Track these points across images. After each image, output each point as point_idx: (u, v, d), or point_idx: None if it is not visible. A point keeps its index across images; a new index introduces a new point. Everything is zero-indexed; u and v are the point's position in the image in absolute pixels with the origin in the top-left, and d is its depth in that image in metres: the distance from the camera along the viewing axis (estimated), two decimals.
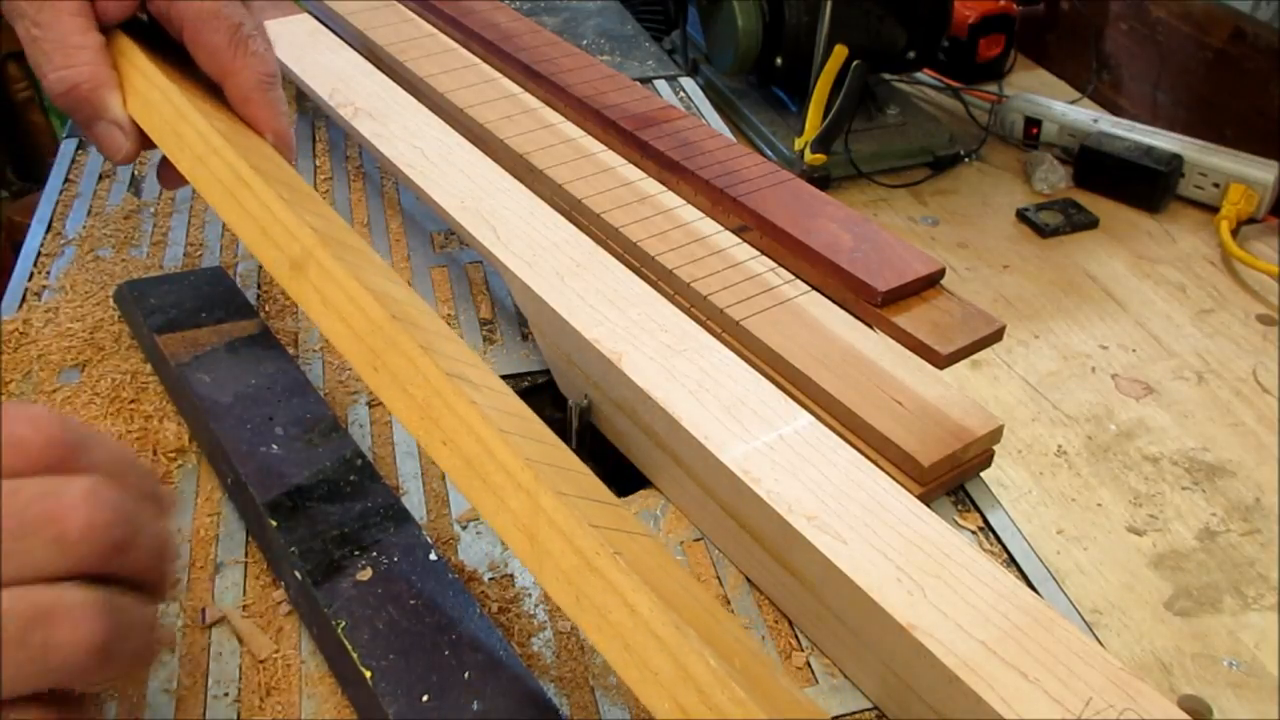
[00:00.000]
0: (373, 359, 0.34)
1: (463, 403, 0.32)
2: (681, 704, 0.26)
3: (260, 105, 0.45)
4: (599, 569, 0.28)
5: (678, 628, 0.27)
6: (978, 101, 2.02)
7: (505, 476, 0.30)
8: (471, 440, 0.31)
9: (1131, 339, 1.51)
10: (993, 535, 0.45)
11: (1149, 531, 1.22)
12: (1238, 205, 1.68)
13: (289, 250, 0.37)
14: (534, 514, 0.30)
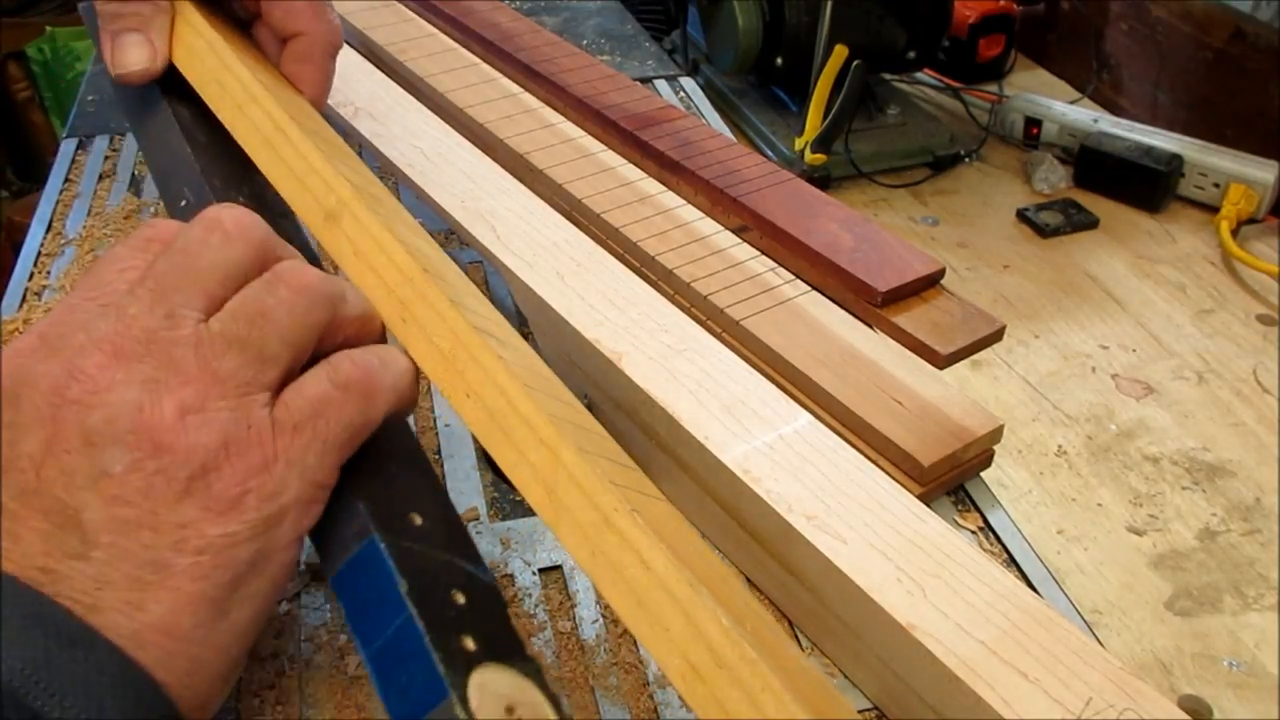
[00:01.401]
0: (401, 310, 0.34)
1: (488, 356, 0.32)
2: (692, 661, 0.26)
3: (318, 69, 0.47)
4: (616, 525, 0.28)
5: (692, 585, 0.27)
6: (978, 101, 2.02)
7: (528, 430, 0.30)
8: (495, 393, 0.31)
9: (1131, 339, 1.51)
10: (993, 535, 0.45)
11: (1149, 531, 1.22)
12: (1238, 205, 1.68)
13: (324, 201, 0.37)
14: (554, 468, 0.30)
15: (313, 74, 0.47)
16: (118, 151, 0.69)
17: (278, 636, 0.39)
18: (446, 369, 0.32)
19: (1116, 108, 2.04)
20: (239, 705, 0.37)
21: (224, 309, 0.29)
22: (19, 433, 0.27)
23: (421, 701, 0.25)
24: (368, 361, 0.31)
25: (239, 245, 0.30)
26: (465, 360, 0.32)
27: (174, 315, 0.28)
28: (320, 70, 0.47)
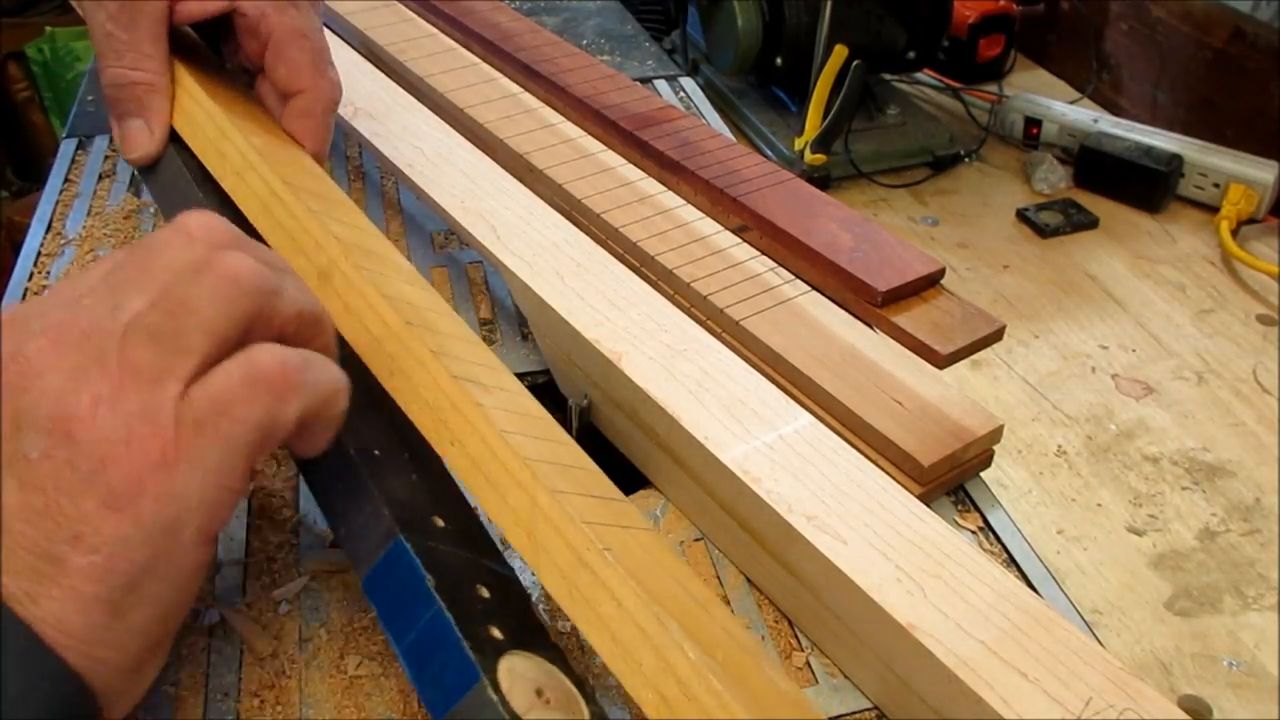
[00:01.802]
0: (389, 363, 0.36)
1: (469, 405, 0.33)
2: (664, 695, 0.27)
3: (318, 125, 0.49)
4: (589, 564, 0.29)
5: (660, 620, 0.28)
6: (978, 101, 2.02)
7: (506, 475, 0.32)
8: (477, 440, 0.33)
9: (1131, 339, 1.51)
10: (993, 535, 0.45)
11: (1149, 531, 1.22)
12: (1238, 205, 1.68)
13: (316, 260, 0.39)
14: (532, 511, 0.31)
15: (313, 129, 0.49)
16: (117, 152, 0.69)
17: (278, 637, 0.39)
18: (432, 419, 0.34)
19: (1116, 108, 2.04)
20: (239, 705, 0.37)
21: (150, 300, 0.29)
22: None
23: (455, 687, 0.27)
24: (286, 357, 0.30)
25: (199, 246, 0.30)
26: (448, 409, 0.34)
27: (119, 308, 0.28)
28: (321, 125, 0.49)
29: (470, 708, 0.27)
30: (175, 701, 0.37)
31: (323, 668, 0.38)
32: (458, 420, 0.33)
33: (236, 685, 0.37)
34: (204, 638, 0.39)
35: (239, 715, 0.36)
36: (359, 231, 0.42)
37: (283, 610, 0.40)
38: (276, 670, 0.38)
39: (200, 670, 0.38)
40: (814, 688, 0.38)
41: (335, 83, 0.49)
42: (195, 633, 0.39)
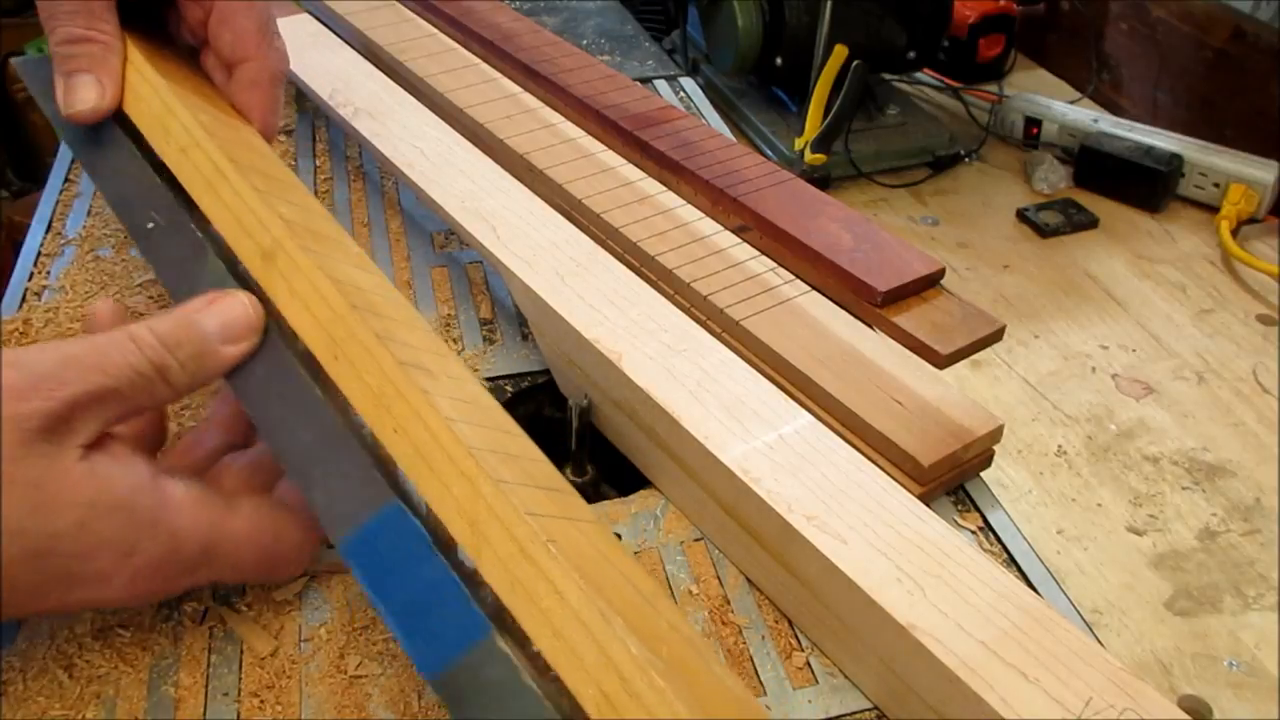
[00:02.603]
0: (333, 348, 0.35)
1: (413, 391, 0.33)
2: (605, 690, 0.27)
3: (265, 96, 0.47)
4: (532, 557, 0.29)
5: (602, 615, 0.27)
6: (978, 101, 2.02)
7: (449, 464, 0.31)
8: (420, 427, 0.32)
9: (1131, 339, 1.51)
10: (993, 535, 0.45)
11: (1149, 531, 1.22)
12: (1238, 205, 1.68)
13: (260, 240, 0.38)
14: (475, 501, 0.30)
15: (260, 101, 0.47)
16: None
17: (278, 637, 0.39)
18: (375, 404, 0.34)
19: (1116, 108, 2.04)
20: (239, 705, 0.37)
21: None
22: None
23: (457, 643, 0.28)
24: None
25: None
26: (392, 396, 0.33)
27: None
28: (267, 97, 0.48)
29: (477, 661, 0.27)
30: (175, 701, 0.37)
31: (323, 668, 0.38)
32: (401, 407, 0.33)
33: (236, 685, 0.37)
34: (204, 638, 0.39)
35: (239, 715, 0.36)
36: (307, 212, 0.41)
37: (283, 610, 0.40)
38: (276, 670, 0.38)
39: (200, 670, 0.38)
40: (814, 688, 0.38)
41: (282, 53, 0.48)
42: (195, 633, 0.39)
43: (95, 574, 0.33)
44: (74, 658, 0.38)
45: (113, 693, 0.37)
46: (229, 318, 0.35)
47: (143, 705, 0.36)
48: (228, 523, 0.35)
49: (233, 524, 0.35)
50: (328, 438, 0.33)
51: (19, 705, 0.36)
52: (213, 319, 0.35)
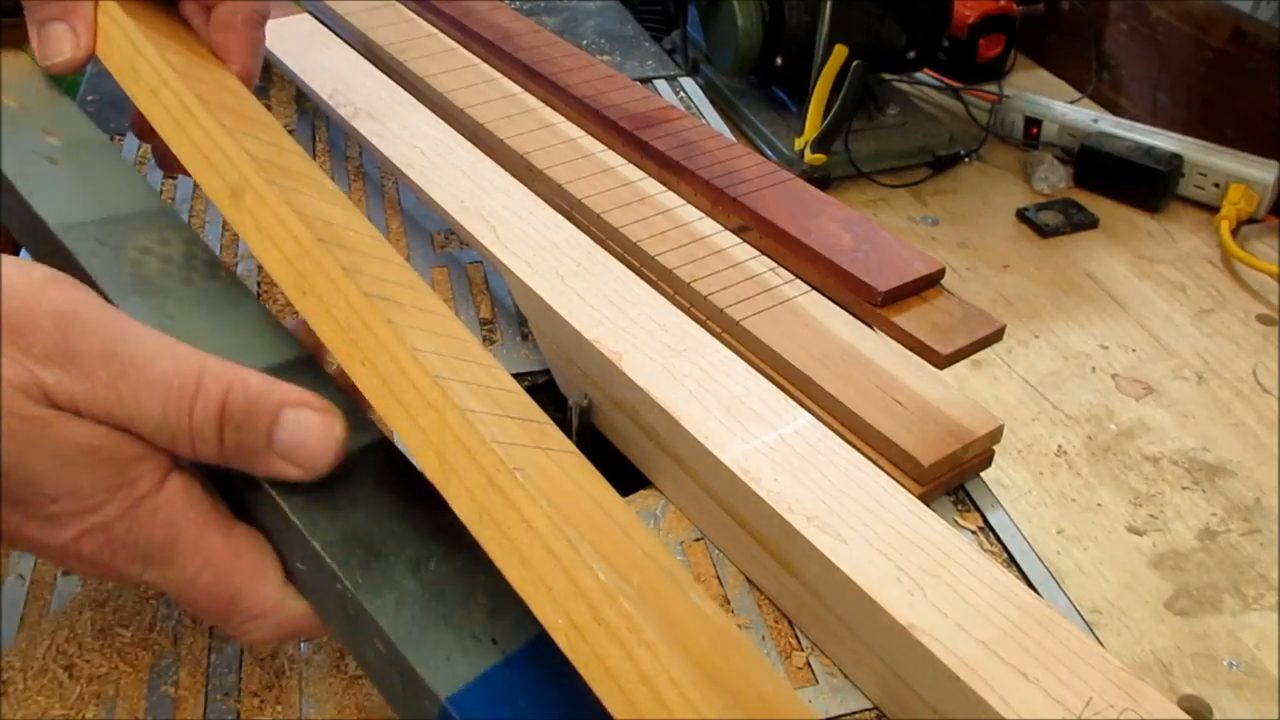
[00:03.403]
0: (301, 283, 0.34)
1: (379, 322, 0.32)
2: (573, 619, 0.26)
3: (241, 37, 0.46)
4: (499, 485, 0.28)
5: (570, 542, 0.27)
6: (978, 101, 2.02)
7: (416, 394, 0.30)
8: (387, 359, 0.31)
9: (1131, 339, 1.51)
10: (993, 535, 0.45)
11: (1149, 531, 1.22)
12: (1238, 205, 1.68)
13: (228, 177, 0.37)
14: (441, 431, 0.29)
15: (237, 43, 0.45)
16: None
17: None
18: (343, 339, 0.33)
19: (1116, 108, 2.04)
20: (239, 705, 0.37)
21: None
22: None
23: None
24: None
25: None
26: (359, 329, 0.32)
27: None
28: (244, 39, 0.46)
29: None
30: (175, 701, 0.37)
31: (323, 668, 0.38)
32: (368, 339, 0.32)
33: (236, 685, 0.37)
34: (204, 638, 0.39)
35: (239, 715, 0.36)
36: (278, 150, 0.40)
37: None
38: (276, 670, 0.38)
39: (200, 670, 0.38)
40: (814, 688, 0.38)
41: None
42: (195, 633, 0.39)
43: (48, 514, 0.30)
44: (74, 658, 0.38)
45: (113, 693, 0.37)
46: (309, 442, 0.31)
47: (143, 705, 0.37)
48: (207, 538, 0.32)
49: (210, 542, 0.32)
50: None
51: (19, 705, 0.36)
52: (292, 431, 0.31)
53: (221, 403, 0.30)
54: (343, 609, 0.30)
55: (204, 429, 0.30)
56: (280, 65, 0.66)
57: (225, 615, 0.32)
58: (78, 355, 0.29)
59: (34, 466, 0.30)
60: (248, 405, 0.30)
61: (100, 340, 0.30)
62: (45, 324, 0.29)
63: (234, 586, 0.32)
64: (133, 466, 0.31)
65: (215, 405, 0.30)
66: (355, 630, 0.30)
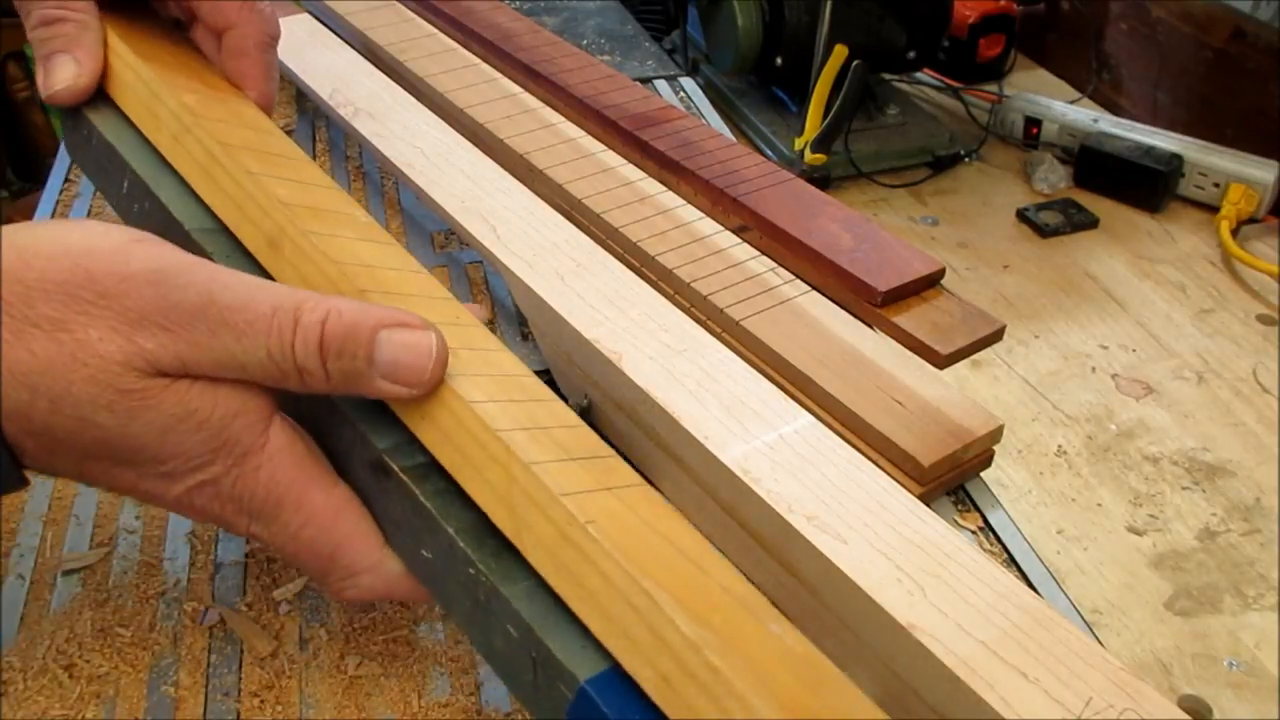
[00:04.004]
0: None
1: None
2: (660, 670, 0.26)
3: (255, 63, 0.46)
4: (572, 539, 0.28)
5: (649, 595, 0.27)
6: (978, 101, 2.02)
7: (479, 449, 0.31)
8: (445, 414, 0.31)
9: (1131, 339, 1.51)
10: (993, 535, 0.45)
11: (1149, 531, 1.22)
12: (1238, 205, 1.68)
13: (263, 226, 0.37)
14: (509, 485, 0.30)
15: (251, 69, 0.46)
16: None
17: (278, 637, 0.39)
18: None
19: (1116, 108, 2.04)
20: (239, 705, 0.37)
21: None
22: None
23: None
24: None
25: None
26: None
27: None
28: (258, 64, 0.46)
29: None
30: (175, 701, 0.37)
31: (323, 668, 0.38)
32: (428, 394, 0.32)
33: (236, 685, 0.37)
34: (204, 638, 0.39)
35: (239, 715, 0.36)
36: (305, 188, 0.40)
37: (283, 610, 0.40)
38: (276, 670, 0.38)
39: (200, 670, 0.38)
40: None
41: (267, 16, 0.46)
42: (195, 633, 0.39)
43: (159, 473, 0.31)
44: (74, 658, 0.38)
45: (113, 693, 0.37)
46: (407, 359, 0.31)
47: (143, 705, 0.37)
48: (309, 495, 0.33)
49: (313, 498, 0.33)
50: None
51: (19, 705, 0.36)
52: (390, 350, 0.31)
53: (320, 334, 0.30)
54: (472, 595, 0.30)
55: (308, 362, 0.31)
56: (280, 65, 0.66)
57: (325, 571, 0.33)
58: (175, 312, 0.30)
59: (140, 436, 0.30)
60: (344, 332, 0.31)
61: (195, 292, 0.30)
62: (139, 286, 0.30)
63: (334, 544, 0.33)
64: (230, 426, 0.31)
65: (314, 337, 0.30)
66: (485, 616, 0.30)
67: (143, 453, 0.31)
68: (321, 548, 0.33)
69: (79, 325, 0.29)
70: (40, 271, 0.30)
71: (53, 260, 0.30)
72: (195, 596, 0.40)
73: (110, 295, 0.30)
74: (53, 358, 0.29)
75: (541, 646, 0.29)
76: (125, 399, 0.30)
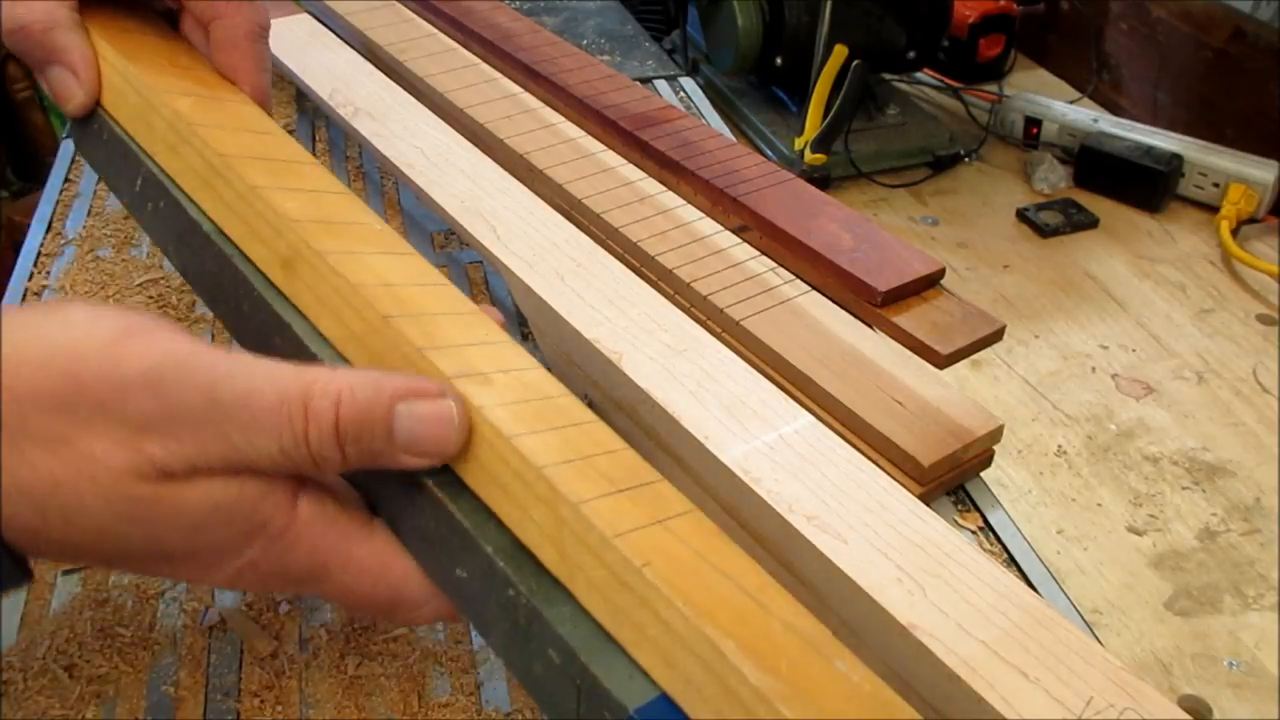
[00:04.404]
0: (377, 363, 0.32)
1: (469, 409, 0.30)
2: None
3: (245, 55, 0.44)
4: (628, 583, 0.27)
5: (712, 643, 0.25)
6: (978, 101, 2.02)
7: (523, 486, 0.29)
8: (485, 447, 0.29)
9: (1131, 339, 1.51)
10: (993, 535, 0.45)
11: (1149, 531, 1.22)
12: (1238, 205, 1.68)
13: (274, 247, 0.35)
14: (558, 527, 0.28)
15: (242, 61, 0.44)
16: None
17: (278, 637, 0.39)
18: None
19: (1116, 108, 2.04)
20: (239, 705, 0.37)
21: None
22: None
23: None
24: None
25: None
26: None
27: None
28: (249, 56, 0.44)
29: None
30: (175, 701, 0.37)
31: (323, 668, 0.38)
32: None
33: (236, 685, 0.37)
34: (204, 638, 0.39)
35: (239, 715, 0.36)
36: (315, 197, 0.37)
37: (283, 610, 0.40)
38: (276, 670, 0.38)
39: (200, 670, 0.38)
40: None
41: (254, 5, 0.44)
42: (195, 633, 0.39)
43: (197, 564, 0.30)
44: (74, 658, 0.38)
45: (113, 693, 0.37)
46: (428, 432, 0.29)
47: (143, 705, 0.37)
48: (353, 551, 0.31)
49: (358, 554, 0.31)
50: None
51: (19, 705, 0.36)
52: (410, 424, 0.29)
53: (334, 420, 0.29)
54: (511, 618, 0.29)
55: (324, 450, 0.29)
56: (280, 65, 0.66)
57: (390, 612, 0.32)
58: (178, 417, 0.28)
59: (167, 540, 0.29)
60: (359, 415, 0.29)
61: (195, 392, 0.28)
62: (136, 392, 0.28)
63: (392, 589, 0.32)
64: (259, 509, 0.30)
65: (329, 425, 0.29)
66: (525, 640, 0.29)
67: (174, 553, 0.30)
68: (381, 596, 0.32)
69: (81, 438, 0.28)
70: (29, 382, 0.28)
71: (40, 369, 0.28)
72: (195, 596, 0.40)
73: (108, 404, 0.28)
74: (58, 475, 0.27)
75: (587, 674, 0.27)
76: (145, 508, 0.28)
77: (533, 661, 0.28)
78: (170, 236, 0.39)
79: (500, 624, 0.29)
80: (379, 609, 0.32)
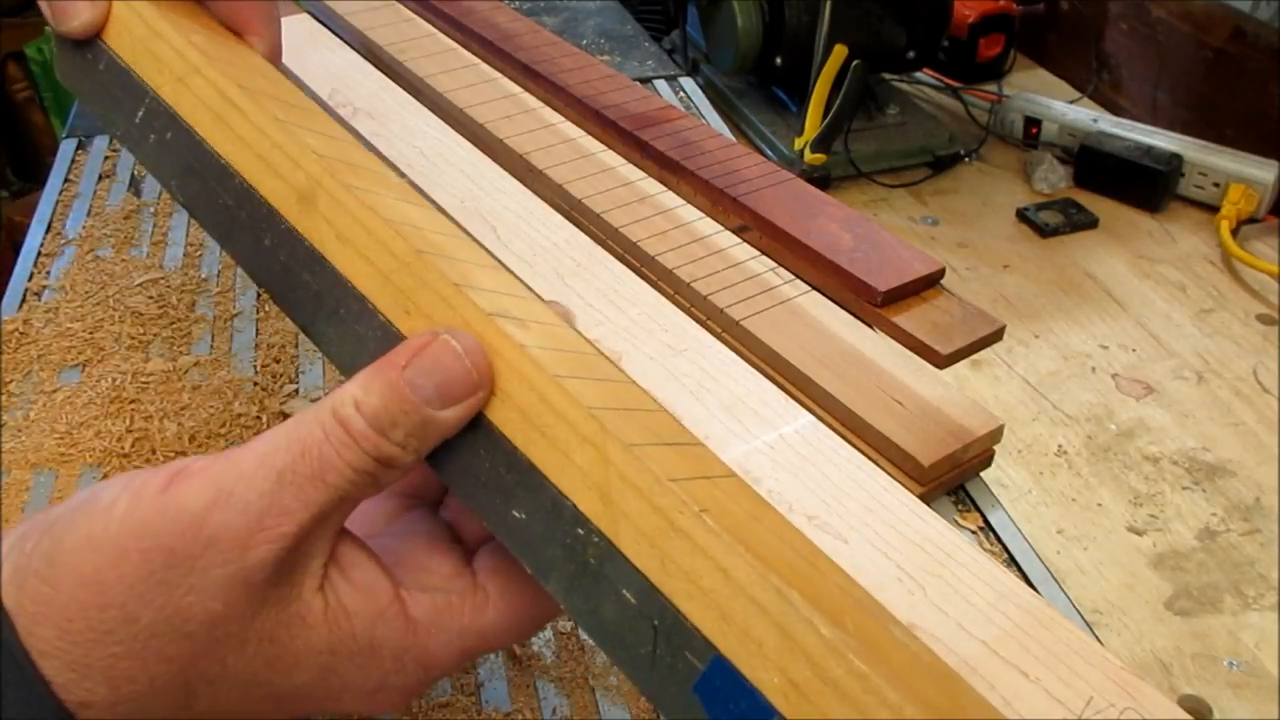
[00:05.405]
0: (404, 301, 0.30)
1: (510, 346, 0.28)
2: (792, 678, 0.23)
3: (256, 13, 0.41)
4: (684, 530, 0.25)
5: (780, 593, 0.24)
6: (978, 101, 2.02)
7: (567, 428, 0.27)
8: (525, 389, 0.28)
9: (1131, 339, 1.51)
10: (993, 535, 0.45)
11: (1149, 531, 1.22)
12: (1238, 205, 1.68)
13: (293, 180, 0.32)
14: (604, 470, 0.26)
15: (253, 15, 0.41)
16: (117, 152, 0.69)
17: None
18: None
19: (1116, 108, 2.04)
20: None
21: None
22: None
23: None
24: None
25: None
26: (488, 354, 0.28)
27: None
28: (260, 13, 0.41)
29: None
30: None
31: None
32: (500, 366, 0.28)
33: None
34: None
35: None
36: (337, 143, 0.35)
37: None
38: None
39: None
40: None
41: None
42: None
43: (337, 705, 0.30)
44: None
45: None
46: (444, 376, 0.28)
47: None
48: (482, 622, 0.30)
49: (487, 620, 0.30)
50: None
51: None
52: (425, 379, 0.28)
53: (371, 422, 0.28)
54: (578, 559, 0.27)
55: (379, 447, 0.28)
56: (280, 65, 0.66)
57: (506, 643, 0.32)
58: (257, 505, 0.27)
59: (300, 683, 0.29)
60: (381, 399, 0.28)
61: (254, 481, 0.27)
62: (190, 534, 0.27)
63: (530, 623, 0.31)
64: (375, 633, 0.29)
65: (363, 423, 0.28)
66: (593, 581, 0.27)
67: (303, 695, 0.29)
68: (524, 634, 0.31)
69: (178, 598, 0.26)
70: (69, 596, 0.26)
71: (83, 582, 0.26)
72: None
73: (178, 562, 0.26)
74: (185, 645, 0.26)
75: (668, 612, 0.25)
76: (272, 647, 0.28)
77: (602, 602, 0.27)
78: (176, 169, 0.36)
79: (564, 565, 0.27)
80: (519, 639, 0.32)
